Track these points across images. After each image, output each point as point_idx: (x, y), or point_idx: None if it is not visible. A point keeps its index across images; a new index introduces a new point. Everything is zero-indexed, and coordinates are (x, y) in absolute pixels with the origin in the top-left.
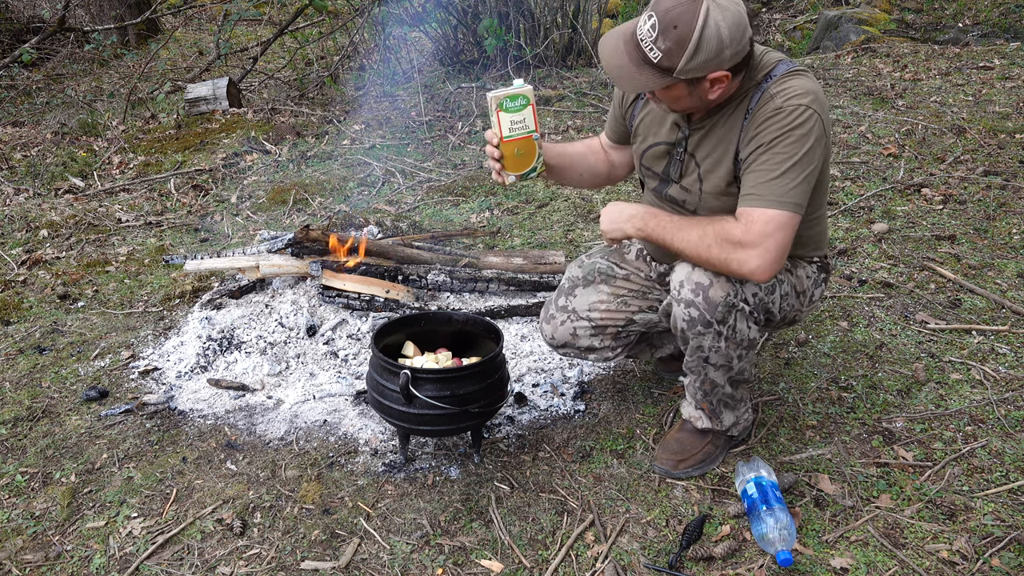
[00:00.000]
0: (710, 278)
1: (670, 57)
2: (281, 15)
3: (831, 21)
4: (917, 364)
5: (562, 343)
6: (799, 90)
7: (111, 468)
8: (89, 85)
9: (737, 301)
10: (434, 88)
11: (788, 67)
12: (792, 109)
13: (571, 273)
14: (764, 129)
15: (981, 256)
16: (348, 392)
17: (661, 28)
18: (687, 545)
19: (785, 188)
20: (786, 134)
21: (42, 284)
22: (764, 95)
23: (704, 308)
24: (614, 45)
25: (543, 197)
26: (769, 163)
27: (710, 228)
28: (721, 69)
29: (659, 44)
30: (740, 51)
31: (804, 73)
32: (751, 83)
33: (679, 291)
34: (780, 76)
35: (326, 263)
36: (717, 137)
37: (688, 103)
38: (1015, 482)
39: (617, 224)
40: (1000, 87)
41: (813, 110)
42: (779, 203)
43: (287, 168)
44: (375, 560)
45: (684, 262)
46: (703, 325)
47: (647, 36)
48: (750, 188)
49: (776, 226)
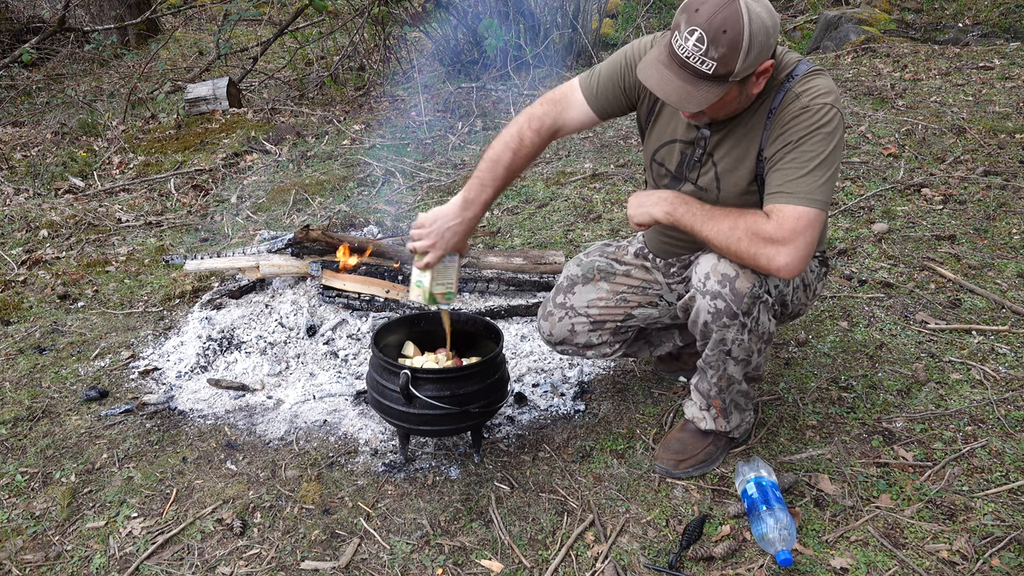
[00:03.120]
0: (736, 269)
1: (726, 63)
2: (281, 15)
3: (831, 21)
4: (917, 364)
5: (560, 340)
6: (823, 89)
7: (111, 468)
8: (89, 85)
9: (762, 292)
10: (434, 88)
11: (809, 66)
12: (819, 108)
13: (569, 271)
14: (791, 127)
15: (981, 256)
16: (348, 392)
17: (711, 37)
18: (687, 545)
19: (814, 186)
20: (813, 132)
21: (42, 284)
22: (788, 94)
23: (731, 299)
24: (658, 73)
25: (543, 197)
26: (797, 161)
27: (741, 221)
28: (768, 57)
29: (711, 54)
30: (777, 31)
31: (824, 73)
32: (773, 81)
33: (704, 283)
34: (803, 76)
35: (326, 263)
36: (737, 137)
37: (735, 105)
38: (1015, 482)
39: (645, 208)
40: (1000, 87)
41: (837, 109)
42: (809, 200)
43: (287, 168)
44: (375, 560)
45: (708, 254)
46: (729, 317)
47: (694, 51)
48: (779, 185)
49: (806, 223)
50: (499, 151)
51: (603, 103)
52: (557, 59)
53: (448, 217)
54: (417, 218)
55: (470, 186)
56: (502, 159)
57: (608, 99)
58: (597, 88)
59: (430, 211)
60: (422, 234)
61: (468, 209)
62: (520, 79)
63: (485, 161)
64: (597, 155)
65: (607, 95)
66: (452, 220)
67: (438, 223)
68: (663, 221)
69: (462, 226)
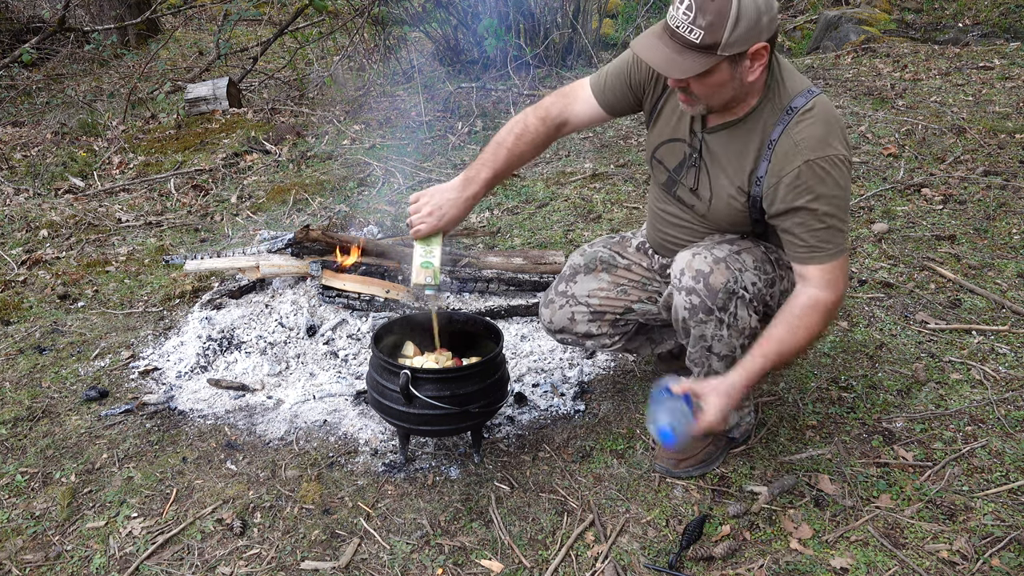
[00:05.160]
0: (710, 265)
1: (712, 32)
2: (281, 15)
3: (831, 21)
4: (917, 364)
5: (559, 328)
6: (819, 135)
7: (111, 468)
8: (89, 85)
9: (737, 288)
10: (434, 88)
11: (807, 99)
12: (826, 161)
13: (573, 261)
14: (803, 184)
15: (981, 256)
16: (348, 392)
17: (698, 5)
18: (687, 545)
19: (841, 235)
20: (829, 189)
21: (42, 284)
22: (787, 137)
23: (705, 295)
24: (648, 42)
25: (543, 197)
26: (818, 215)
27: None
28: (760, 40)
29: (698, 22)
30: (773, 18)
31: (820, 114)
32: (772, 105)
33: (680, 279)
34: (800, 113)
35: (326, 263)
36: (732, 148)
37: (730, 92)
38: (1015, 482)
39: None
40: (1000, 87)
41: (844, 155)
42: (840, 250)
43: (287, 168)
44: (375, 560)
45: (684, 251)
46: (705, 312)
47: (683, 20)
48: (814, 242)
49: (844, 268)
50: (503, 135)
51: (610, 98)
52: (557, 59)
53: (447, 190)
54: (414, 194)
55: (471, 166)
56: (505, 142)
57: (615, 94)
58: (605, 83)
59: (429, 187)
60: (420, 205)
61: (467, 187)
62: (520, 79)
63: (489, 145)
64: (597, 155)
65: (614, 90)
66: (451, 193)
67: (437, 196)
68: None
69: (461, 201)
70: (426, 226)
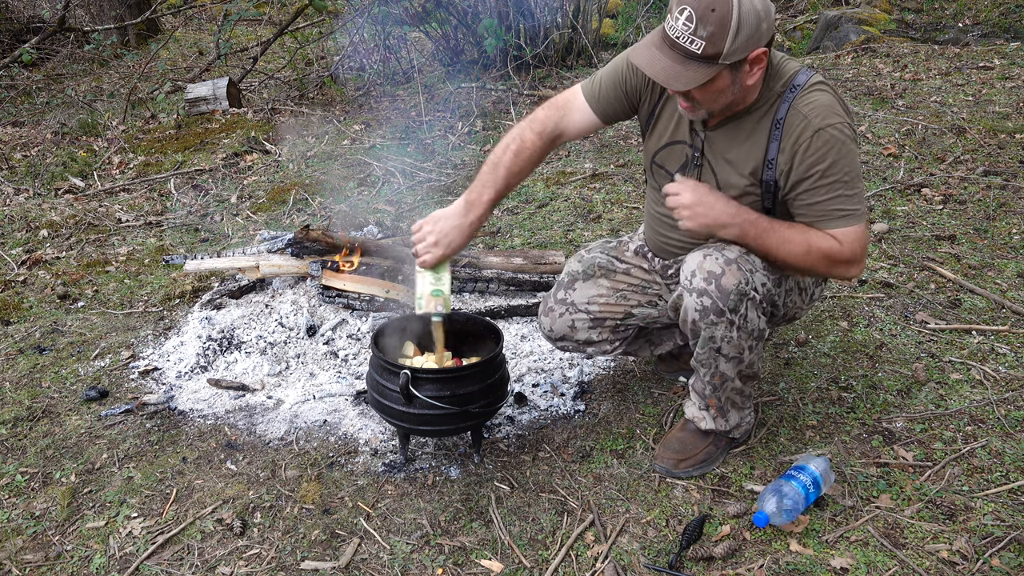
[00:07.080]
0: (722, 267)
1: (714, 42)
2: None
3: (831, 21)
4: (917, 364)
5: (560, 336)
6: (826, 103)
7: (111, 468)
8: (89, 85)
9: (748, 290)
10: (434, 88)
11: (807, 76)
12: (835, 126)
13: (570, 268)
14: (816, 153)
15: (981, 256)
16: (348, 392)
17: (699, 16)
18: (687, 545)
19: (858, 201)
20: (841, 154)
21: (42, 284)
22: (794, 111)
23: (717, 297)
24: (648, 54)
25: (543, 197)
26: (837, 184)
27: (814, 247)
28: (760, 45)
29: (699, 32)
30: (771, 24)
31: (822, 86)
32: (771, 91)
33: (691, 281)
34: (804, 88)
35: (326, 263)
36: (739, 140)
37: (730, 96)
38: (1015, 482)
39: (708, 228)
40: (1000, 87)
41: (848, 122)
42: (860, 216)
43: (287, 168)
44: (375, 560)
45: (695, 252)
46: (716, 314)
47: (683, 31)
48: (831, 210)
49: (865, 237)
50: (499, 153)
51: (605, 106)
52: (557, 59)
53: (450, 217)
54: (416, 222)
55: (471, 189)
56: (502, 161)
57: (610, 102)
58: (599, 91)
59: (432, 213)
60: (424, 234)
61: (470, 212)
62: (520, 79)
63: (486, 164)
64: (597, 155)
65: (609, 98)
66: (454, 219)
67: (441, 223)
68: (724, 237)
69: (466, 227)
70: (432, 256)
